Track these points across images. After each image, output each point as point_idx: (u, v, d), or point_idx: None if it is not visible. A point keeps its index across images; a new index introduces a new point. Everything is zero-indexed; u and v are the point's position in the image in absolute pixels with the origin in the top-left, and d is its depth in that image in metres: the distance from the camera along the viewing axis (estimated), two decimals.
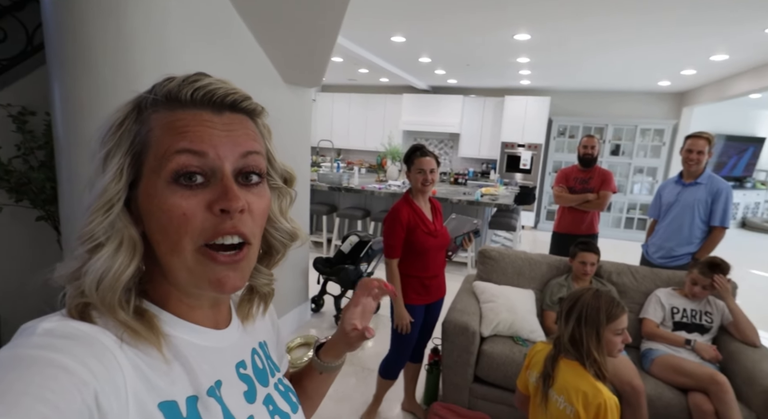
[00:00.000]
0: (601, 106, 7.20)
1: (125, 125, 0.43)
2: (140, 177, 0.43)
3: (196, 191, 0.42)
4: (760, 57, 4.20)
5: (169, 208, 0.41)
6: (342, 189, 5.03)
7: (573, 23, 3.42)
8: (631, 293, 2.41)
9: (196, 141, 0.42)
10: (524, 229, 7.16)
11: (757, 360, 1.91)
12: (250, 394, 0.51)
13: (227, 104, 0.45)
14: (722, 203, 2.59)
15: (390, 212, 1.98)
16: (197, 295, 0.48)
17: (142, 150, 0.42)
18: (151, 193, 0.42)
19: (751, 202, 8.47)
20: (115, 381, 0.37)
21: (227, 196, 0.42)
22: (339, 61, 5.77)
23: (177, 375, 0.43)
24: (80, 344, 0.37)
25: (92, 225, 0.41)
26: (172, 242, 0.42)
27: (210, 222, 0.42)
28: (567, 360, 1.35)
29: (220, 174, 0.43)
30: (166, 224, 0.42)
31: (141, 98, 0.44)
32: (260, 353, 0.57)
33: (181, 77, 0.44)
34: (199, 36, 2.02)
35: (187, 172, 0.42)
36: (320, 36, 2.49)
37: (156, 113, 0.43)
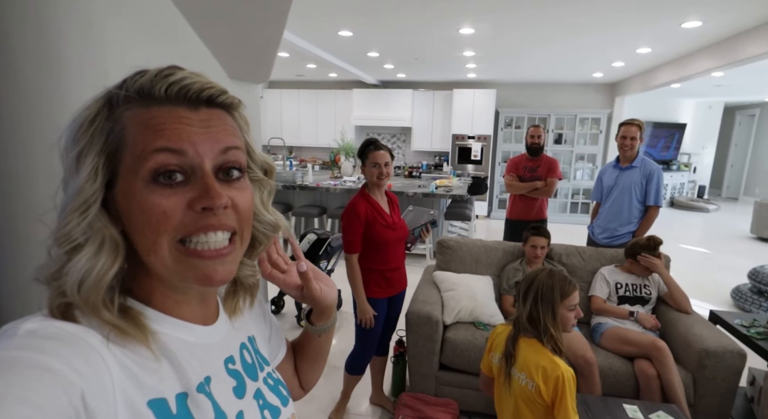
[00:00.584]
0: (543, 97, 7.56)
1: (97, 122, 0.42)
2: (116, 176, 0.42)
3: (177, 189, 0.41)
4: (679, 49, 4.57)
5: (149, 207, 0.40)
6: (296, 187, 4.95)
7: (512, 17, 3.55)
8: (580, 272, 2.57)
9: (174, 139, 0.41)
10: (478, 218, 7.39)
11: (690, 325, 2.11)
12: (239, 389, 0.51)
13: (203, 99, 0.44)
14: (655, 184, 2.83)
15: (347, 207, 1.98)
16: (183, 290, 0.47)
17: (117, 148, 0.41)
18: (129, 193, 0.41)
19: (677, 182, 9.26)
20: (102, 380, 0.36)
21: (209, 194, 0.42)
22: (285, 56, 5.65)
23: (165, 372, 0.43)
24: (65, 344, 0.36)
25: (69, 226, 0.40)
26: (149, 241, 0.42)
27: (190, 218, 0.42)
28: (526, 338, 1.43)
29: (200, 171, 0.42)
30: (145, 223, 0.41)
31: (111, 94, 0.42)
32: (249, 347, 0.57)
33: (154, 71, 0.43)
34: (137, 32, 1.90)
35: (167, 171, 0.41)
36: (265, 30, 2.43)
37: (129, 110, 0.42)
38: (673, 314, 2.26)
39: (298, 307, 3.33)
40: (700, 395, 1.96)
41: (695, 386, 1.97)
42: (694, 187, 9.57)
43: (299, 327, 3.28)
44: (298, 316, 3.32)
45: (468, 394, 2.21)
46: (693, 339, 2.01)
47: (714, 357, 1.91)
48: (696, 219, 8.04)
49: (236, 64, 2.62)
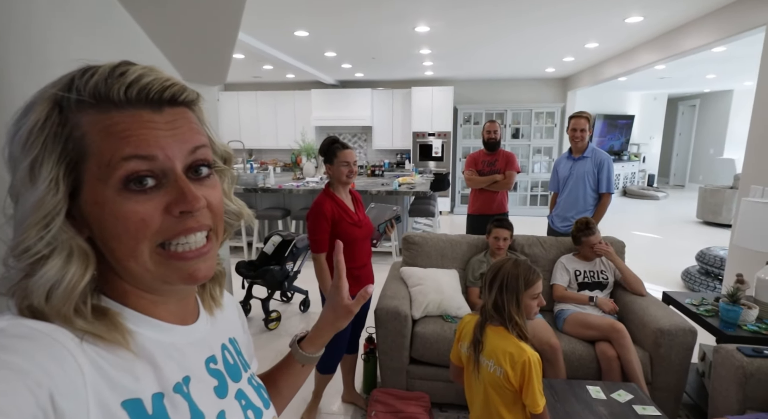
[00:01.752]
0: (499, 93, 7.75)
1: (48, 129, 0.38)
2: (80, 184, 0.40)
3: (151, 195, 0.41)
4: (623, 44, 4.81)
5: (125, 214, 0.39)
6: (258, 190, 4.85)
7: (465, 13, 3.62)
8: (542, 261, 2.64)
9: (142, 145, 0.39)
10: (442, 214, 7.49)
11: (645, 307, 2.21)
12: (221, 389, 0.50)
13: (166, 99, 0.42)
14: (606, 172, 2.96)
15: (312, 207, 1.96)
16: (161, 291, 0.46)
17: (78, 157, 0.39)
18: (100, 201, 0.39)
19: (629, 172, 9.74)
20: (73, 380, 0.35)
21: (186, 198, 0.41)
22: (241, 57, 5.51)
23: (141, 372, 0.41)
24: (35, 344, 0.35)
25: (28, 241, 0.38)
26: (129, 248, 0.41)
27: (169, 223, 0.41)
28: (492, 326, 1.45)
29: (172, 175, 0.42)
30: (122, 231, 0.40)
31: (59, 97, 0.39)
32: (230, 348, 0.56)
33: (106, 69, 0.40)
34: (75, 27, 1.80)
35: (138, 177, 0.40)
36: (219, 30, 2.35)
37: (86, 115, 0.39)
38: (630, 297, 2.37)
39: (266, 311, 3.25)
40: (656, 373, 2.06)
41: (652, 364, 2.07)
42: (644, 176, 10.10)
43: (267, 330, 3.20)
44: (265, 319, 3.24)
45: (439, 386, 2.23)
46: (648, 319, 2.11)
47: (668, 335, 2.01)
48: (647, 206, 8.48)
49: (191, 66, 2.52)
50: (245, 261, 3.36)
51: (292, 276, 3.41)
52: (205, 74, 2.65)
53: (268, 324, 3.23)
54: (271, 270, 3.19)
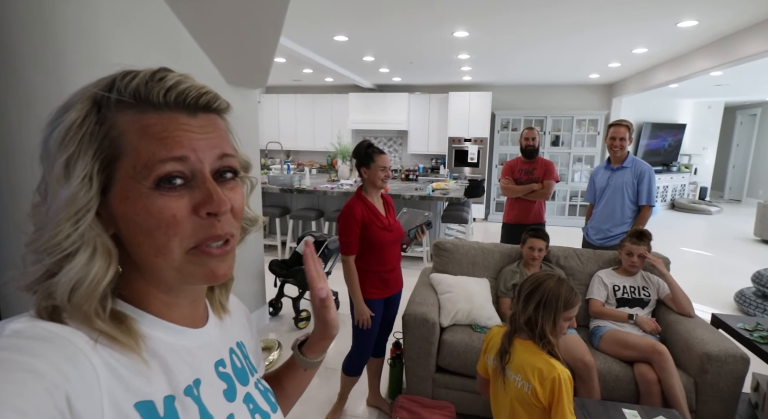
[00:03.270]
0: (539, 99, 7.55)
1: (86, 127, 0.40)
2: (111, 182, 0.41)
3: (181, 192, 0.42)
4: (675, 49, 4.57)
5: (159, 210, 0.41)
6: (294, 190, 4.93)
7: (506, 18, 3.55)
8: (578, 275, 2.54)
9: (176, 147, 0.41)
10: (476, 221, 7.37)
11: (691, 329, 2.07)
12: (229, 393, 0.51)
13: (201, 105, 0.44)
14: (646, 183, 2.81)
15: (343, 209, 1.97)
16: (177, 293, 0.47)
17: (113, 155, 0.41)
18: (132, 197, 0.41)
19: (678, 184, 9.22)
20: (89, 382, 0.36)
21: (212, 200, 0.43)
22: (282, 61, 5.65)
23: (154, 374, 0.42)
24: (51, 346, 0.36)
25: (59, 237, 0.39)
26: (159, 244, 0.42)
27: (198, 225, 0.43)
28: (521, 339, 1.40)
29: (200, 176, 0.43)
30: (154, 227, 0.41)
31: (99, 96, 0.41)
32: (238, 352, 0.57)
33: (145, 74, 0.42)
34: (136, 37, 1.92)
35: (169, 177, 0.41)
36: (262, 36, 2.42)
37: (123, 115, 0.41)
38: (674, 317, 2.23)
39: (297, 310, 3.30)
40: (702, 400, 1.93)
41: (697, 391, 1.94)
42: (695, 189, 9.53)
43: (297, 329, 3.25)
44: (295, 318, 3.28)
45: (465, 397, 2.18)
46: (694, 342, 1.98)
47: (716, 361, 1.87)
48: (698, 221, 8.00)
49: (234, 70, 2.61)
50: (278, 260, 3.42)
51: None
52: (247, 78, 2.74)
53: (298, 323, 3.27)
54: (302, 270, 3.23)
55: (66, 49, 1.63)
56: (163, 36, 2.10)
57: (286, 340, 3.08)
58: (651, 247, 2.37)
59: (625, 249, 2.38)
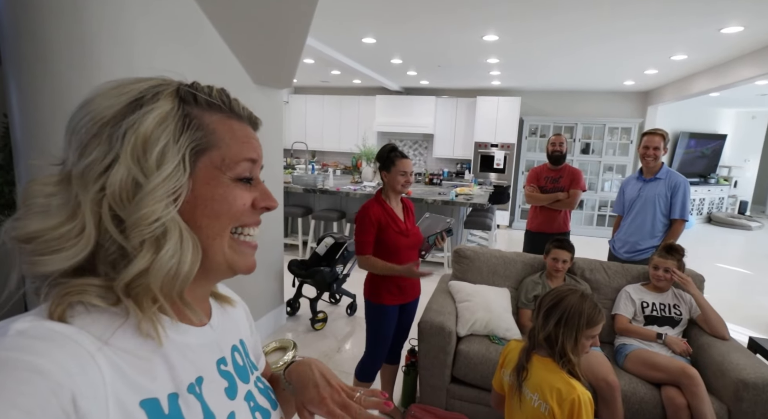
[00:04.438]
0: (569, 105, 7.36)
1: (178, 116, 0.45)
2: (194, 169, 0.46)
3: (246, 187, 0.50)
4: (717, 56, 4.36)
5: (235, 197, 0.48)
6: (317, 191, 4.96)
7: (538, 23, 3.46)
8: (604, 289, 2.44)
9: (254, 151, 0.50)
10: (499, 228, 7.24)
11: (726, 353, 1.95)
12: (231, 390, 0.52)
13: (256, 124, 0.55)
14: (681, 196, 2.67)
15: (360, 210, 1.96)
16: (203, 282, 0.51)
17: (204, 145, 0.46)
18: (214, 184, 0.47)
19: (716, 197, 8.79)
20: (94, 382, 0.37)
21: (270, 198, 0.53)
22: (311, 62, 5.70)
23: (158, 372, 0.43)
24: (56, 346, 0.36)
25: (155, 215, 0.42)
26: (221, 226, 0.48)
27: (248, 214, 0.50)
28: (540, 356, 1.34)
29: (256, 178, 0.52)
30: (224, 212, 0.47)
31: (183, 92, 0.46)
32: (240, 350, 0.58)
33: (219, 88, 0.50)
34: (164, 35, 1.95)
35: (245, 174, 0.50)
36: (289, 37, 2.43)
37: (212, 115, 0.48)
38: (707, 339, 2.10)
39: (314, 311, 3.30)
40: None
41: None
42: (734, 203, 9.07)
43: (313, 331, 3.25)
44: (312, 319, 3.28)
45: (479, 410, 2.11)
46: (729, 367, 1.85)
47: (753, 389, 1.75)
48: (736, 237, 7.61)
49: (261, 70, 2.63)
50: (298, 260, 3.44)
51: (341, 278, 3.43)
52: (274, 77, 2.76)
53: (314, 324, 3.27)
54: (321, 270, 3.23)
55: (99, 46, 1.67)
56: (191, 34, 2.13)
57: (302, 341, 3.08)
58: (684, 264, 2.24)
59: (653, 263, 2.27)
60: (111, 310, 0.42)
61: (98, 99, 0.44)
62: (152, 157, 0.42)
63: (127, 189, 0.41)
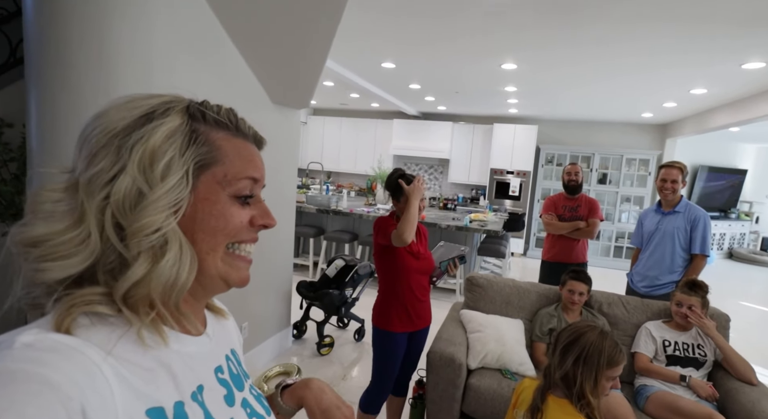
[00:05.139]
0: (587, 135, 7.32)
1: (183, 132, 0.46)
2: (196, 183, 0.47)
3: (245, 205, 0.51)
4: (738, 91, 4.31)
5: (232, 215, 0.49)
6: (330, 211, 4.95)
7: (557, 53, 3.47)
8: (623, 325, 2.34)
9: (257, 170, 0.52)
10: (513, 256, 7.11)
11: (756, 400, 1.82)
12: (229, 398, 0.53)
13: (261, 144, 0.56)
14: (701, 230, 2.59)
15: (378, 219, 1.94)
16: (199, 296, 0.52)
17: (209, 161, 0.47)
18: (213, 200, 0.48)
19: (737, 232, 8.56)
20: (103, 393, 0.37)
21: (269, 216, 0.53)
22: (330, 85, 5.81)
23: (162, 381, 0.44)
24: (64, 357, 0.36)
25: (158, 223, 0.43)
26: (216, 242, 0.48)
27: (245, 231, 0.51)
28: (556, 397, 1.26)
29: (257, 197, 0.53)
30: (221, 227, 0.48)
31: (193, 109, 0.48)
32: (233, 359, 0.60)
33: (228, 108, 0.51)
34: (186, 54, 1.98)
35: (245, 192, 0.50)
36: (309, 58, 2.48)
37: (218, 132, 0.49)
38: (735, 383, 1.98)
39: (320, 335, 3.23)
40: None
41: None
42: (756, 239, 8.81)
43: (319, 355, 3.17)
44: (318, 343, 3.21)
45: None
46: (760, 416, 1.73)
47: None
48: (759, 274, 7.35)
49: (279, 90, 2.67)
50: (306, 282, 3.39)
51: (350, 302, 3.37)
52: (291, 98, 2.80)
53: (320, 348, 3.20)
54: (330, 293, 3.18)
55: (118, 65, 1.70)
56: (213, 54, 2.17)
57: (307, 365, 3.01)
58: (708, 302, 2.14)
59: (675, 299, 2.18)
60: (113, 321, 0.42)
61: (111, 111, 0.45)
62: (158, 169, 0.43)
63: (131, 198, 0.42)
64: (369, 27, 3.23)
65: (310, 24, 2.21)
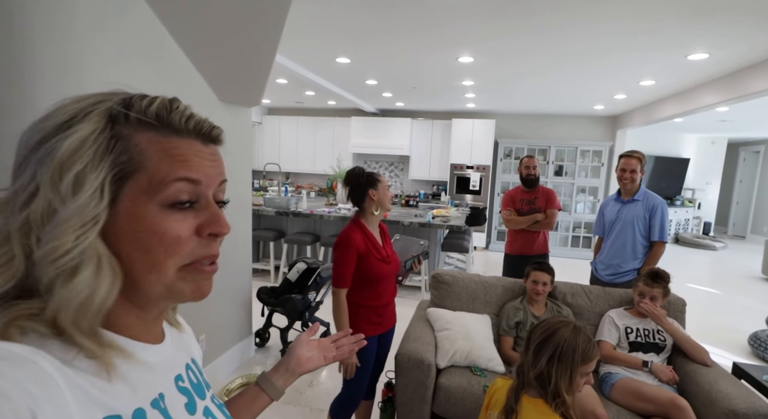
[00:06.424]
0: (543, 128, 7.50)
1: (102, 139, 0.41)
2: (118, 196, 0.41)
3: (186, 213, 0.45)
4: (683, 82, 4.51)
5: (164, 230, 0.43)
6: (290, 213, 4.79)
7: (511, 43, 3.47)
8: (587, 314, 2.36)
9: (194, 170, 0.44)
10: (476, 250, 7.19)
11: (713, 381, 1.87)
12: (190, 406, 0.52)
13: (212, 137, 0.48)
14: (659, 218, 2.67)
15: (341, 237, 1.79)
16: (149, 309, 0.48)
17: (129, 170, 0.42)
18: (139, 214, 0.42)
19: (682, 218, 9.07)
20: (57, 402, 0.35)
21: (219, 222, 0.46)
22: (284, 82, 5.62)
23: (119, 390, 0.42)
24: (13, 365, 0.35)
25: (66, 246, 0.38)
26: (155, 261, 0.43)
27: (197, 244, 0.45)
28: (530, 397, 1.22)
29: (206, 200, 0.46)
30: (155, 244, 0.42)
31: (115, 111, 0.42)
32: (193, 368, 0.58)
33: (165, 99, 0.45)
34: (121, 51, 1.80)
35: (180, 198, 0.44)
36: (256, 54, 2.33)
37: (144, 134, 0.43)
38: (692, 366, 2.03)
39: (284, 342, 3.08)
40: None
41: None
42: (699, 224, 9.38)
43: None
44: (282, 351, 3.07)
45: None
46: (718, 397, 1.78)
47: None
48: (703, 257, 7.80)
49: (227, 87, 2.50)
50: (267, 288, 3.24)
51: (313, 306, 3.25)
52: (241, 95, 2.63)
53: None
54: (292, 298, 3.05)
55: (33, 56, 1.50)
56: (152, 51, 1.99)
57: None
58: (669, 290, 2.19)
59: (637, 290, 2.21)
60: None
61: (38, 119, 0.42)
62: (67, 183, 0.39)
63: (47, 218, 0.39)
64: (320, 21, 3.10)
65: (255, 17, 2.06)
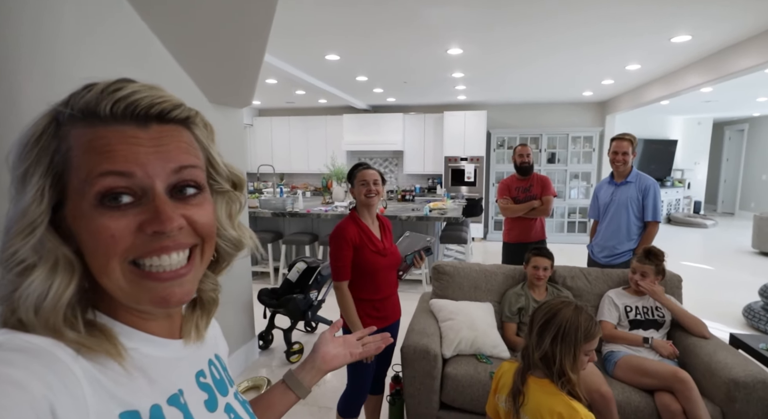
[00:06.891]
0: (534, 117, 7.55)
1: (42, 141, 0.40)
2: (65, 197, 0.40)
3: (126, 211, 0.40)
4: (668, 65, 4.56)
5: (97, 229, 0.39)
6: (286, 214, 4.80)
7: (499, 33, 3.50)
8: (587, 296, 2.40)
9: (120, 161, 0.39)
10: (475, 241, 7.24)
11: (712, 352, 1.92)
12: (210, 403, 0.51)
13: (153, 116, 0.42)
14: (651, 198, 2.72)
15: (335, 231, 1.84)
16: (137, 314, 0.46)
17: (63, 170, 0.40)
18: (77, 215, 0.40)
19: (673, 198, 9.20)
20: (74, 394, 0.36)
21: (159, 218, 0.41)
22: (273, 82, 5.61)
23: (138, 385, 0.42)
24: (33, 357, 0.35)
25: (12, 248, 0.39)
26: (100, 264, 0.41)
27: (141, 241, 0.41)
28: (536, 378, 1.25)
29: (151, 193, 0.41)
30: (94, 247, 0.40)
31: (57, 111, 0.41)
32: (217, 364, 0.57)
33: (101, 86, 0.41)
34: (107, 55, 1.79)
35: (113, 194, 0.40)
36: (245, 54, 2.33)
37: (75, 129, 0.40)
38: (691, 339, 2.08)
39: (288, 342, 3.11)
40: None
41: None
42: (689, 203, 9.51)
43: (288, 363, 3.05)
44: (287, 351, 3.09)
45: None
46: (717, 367, 1.83)
47: (744, 388, 1.72)
48: (694, 235, 7.92)
49: (216, 89, 2.50)
50: (268, 289, 3.25)
51: (316, 305, 3.27)
52: (231, 96, 2.63)
53: (289, 356, 3.08)
54: (294, 299, 3.06)
55: (19, 61, 1.49)
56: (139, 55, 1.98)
57: (277, 376, 2.88)
58: (664, 268, 2.23)
59: (631, 268, 2.27)
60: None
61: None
62: (14, 186, 0.40)
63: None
64: (308, 18, 3.11)
65: (242, 17, 2.07)
